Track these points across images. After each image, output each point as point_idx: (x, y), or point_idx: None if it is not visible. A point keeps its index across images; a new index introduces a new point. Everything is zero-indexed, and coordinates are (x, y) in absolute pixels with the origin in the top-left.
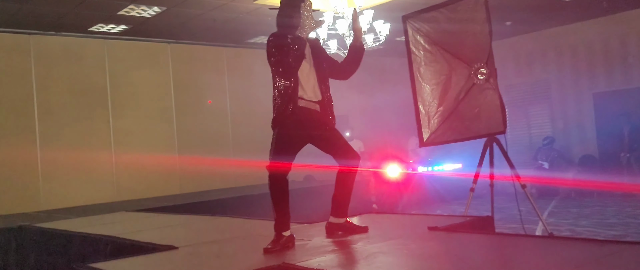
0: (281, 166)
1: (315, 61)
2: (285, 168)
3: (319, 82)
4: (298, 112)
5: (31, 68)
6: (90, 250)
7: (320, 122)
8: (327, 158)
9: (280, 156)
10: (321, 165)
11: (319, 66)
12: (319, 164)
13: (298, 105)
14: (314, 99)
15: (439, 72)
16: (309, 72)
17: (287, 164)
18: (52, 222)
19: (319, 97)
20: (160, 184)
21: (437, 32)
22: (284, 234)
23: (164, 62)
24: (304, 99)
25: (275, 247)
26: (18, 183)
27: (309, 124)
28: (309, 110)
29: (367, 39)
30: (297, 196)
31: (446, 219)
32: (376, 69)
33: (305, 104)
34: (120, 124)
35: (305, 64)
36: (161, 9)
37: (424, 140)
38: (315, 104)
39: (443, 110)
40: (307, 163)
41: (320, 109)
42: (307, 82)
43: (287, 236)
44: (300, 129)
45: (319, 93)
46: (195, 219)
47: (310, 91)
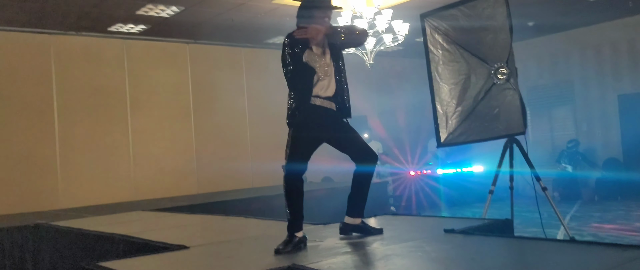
0: (296, 167)
1: (332, 56)
2: (300, 169)
3: (335, 78)
4: (313, 112)
5: (51, 68)
6: (104, 249)
7: (337, 121)
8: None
9: (296, 157)
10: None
11: (335, 58)
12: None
13: (313, 104)
14: (328, 96)
15: (458, 72)
16: (325, 69)
17: (302, 164)
18: (68, 221)
19: (335, 92)
20: (177, 184)
21: (456, 31)
22: (296, 235)
23: (182, 62)
24: (319, 98)
25: (287, 248)
26: (37, 181)
27: (324, 123)
28: (325, 109)
29: (385, 39)
30: (314, 197)
31: (463, 221)
32: (395, 70)
33: (320, 102)
34: (138, 124)
35: (321, 60)
36: (179, 9)
37: (442, 140)
38: (331, 103)
39: (461, 110)
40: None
41: (336, 107)
42: (323, 79)
43: (300, 237)
44: (316, 128)
45: (334, 90)
46: (210, 219)
47: (326, 89)
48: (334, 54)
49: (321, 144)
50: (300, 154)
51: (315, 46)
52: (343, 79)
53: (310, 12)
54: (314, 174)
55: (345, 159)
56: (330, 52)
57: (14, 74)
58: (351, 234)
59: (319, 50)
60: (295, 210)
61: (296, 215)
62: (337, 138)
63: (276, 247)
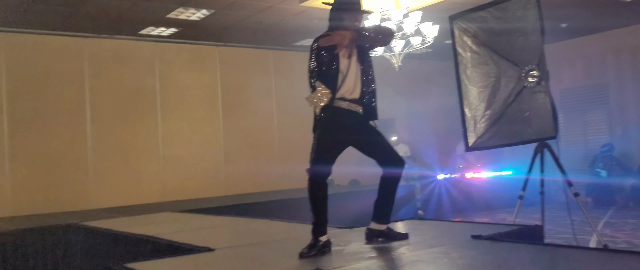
0: (321, 170)
1: (359, 57)
2: (325, 172)
3: (362, 80)
4: (339, 115)
5: (84, 70)
6: (132, 249)
7: (363, 124)
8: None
9: (321, 160)
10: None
11: (363, 60)
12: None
13: (339, 107)
14: (354, 98)
15: (487, 74)
16: (350, 71)
17: (327, 168)
18: (98, 221)
19: (363, 95)
20: (206, 186)
21: (485, 33)
22: (320, 239)
23: (211, 65)
24: (345, 100)
25: (311, 252)
26: (69, 182)
27: (350, 126)
28: (351, 112)
29: (413, 42)
30: (340, 201)
31: (491, 227)
32: (423, 73)
33: (346, 105)
34: (168, 126)
35: (347, 62)
36: (209, 12)
37: (470, 144)
38: (357, 106)
39: (490, 114)
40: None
41: (362, 110)
42: (350, 81)
43: (324, 241)
44: (342, 132)
45: (360, 93)
46: (236, 221)
47: (352, 92)
48: (360, 56)
49: (346, 148)
50: (325, 157)
51: (342, 50)
52: (370, 80)
53: (340, 15)
54: (341, 176)
55: (373, 161)
56: (356, 54)
57: (49, 76)
58: (377, 239)
59: (345, 52)
60: (320, 214)
61: (320, 219)
62: (362, 142)
63: (301, 250)
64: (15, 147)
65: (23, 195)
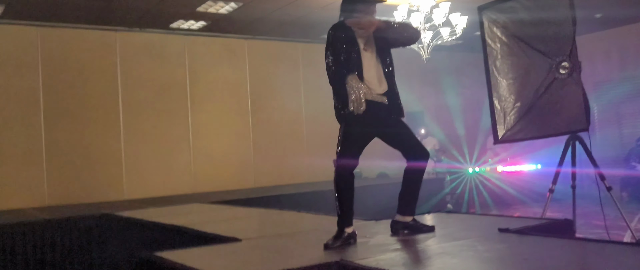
0: (347, 162)
1: (379, 48)
2: (351, 164)
3: (384, 71)
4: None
5: (117, 63)
6: (162, 238)
7: (389, 116)
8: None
9: (347, 152)
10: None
11: (383, 53)
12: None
13: (363, 99)
14: (379, 91)
15: (517, 66)
16: (372, 61)
17: (353, 160)
18: (130, 211)
19: (385, 88)
20: (235, 177)
21: (515, 24)
22: (346, 230)
23: (240, 58)
24: (369, 93)
25: (336, 243)
26: (103, 173)
27: (376, 118)
28: (375, 103)
29: (443, 33)
30: (367, 193)
31: (519, 220)
32: (453, 65)
33: (371, 97)
34: (198, 118)
35: (367, 53)
36: (238, 5)
37: (499, 137)
38: (382, 96)
39: (520, 106)
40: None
41: (387, 101)
42: (371, 72)
43: (350, 233)
44: (367, 124)
45: (385, 84)
46: (264, 213)
47: (376, 82)
48: (381, 50)
49: (372, 139)
50: (351, 149)
51: (361, 41)
52: (392, 75)
53: (354, 7)
54: (370, 169)
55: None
56: (376, 48)
57: (83, 69)
58: (403, 232)
59: (365, 44)
60: (346, 205)
61: (346, 211)
62: (388, 133)
63: (326, 241)
64: (51, 140)
65: (59, 186)
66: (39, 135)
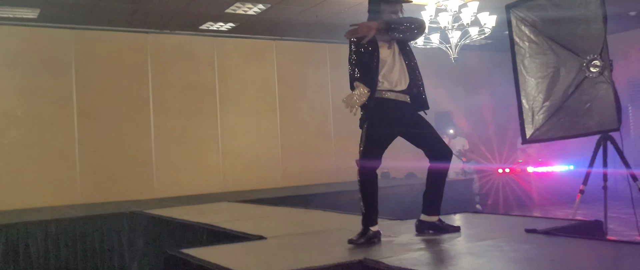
0: (370, 162)
1: (401, 47)
2: (375, 164)
3: (407, 69)
4: (386, 106)
5: (148, 65)
6: (190, 236)
7: (412, 115)
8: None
9: (370, 152)
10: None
11: (405, 51)
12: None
13: (386, 98)
14: (402, 88)
15: (546, 65)
16: (395, 61)
17: (376, 159)
18: (159, 209)
19: (406, 85)
20: (263, 177)
21: (544, 22)
22: (371, 229)
23: (268, 58)
24: (392, 91)
25: (360, 240)
26: (134, 172)
27: (398, 117)
28: (398, 102)
29: (471, 32)
30: (395, 193)
31: (548, 221)
32: (482, 64)
33: (394, 96)
34: (227, 118)
35: (389, 53)
36: (265, 6)
37: (527, 137)
38: (405, 95)
39: (549, 105)
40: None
41: (410, 99)
42: (393, 71)
43: (374, 231)
44: (390, 123)
45: (406, 81)
46: (291, 212)
47: (397, 80)
48: (403, 46)
49: (395, 138)
50: (374, 149)
51: (382, 41)
52: (415, 70)
53: (378, 7)
54: (398, 169)
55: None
56: (398, 44)
57: (115, 70)
58: (428, 231)
59: (385, 44)
60: (370, 203)
61: (370, 210)
62: (411, 132)
63: (351, 237)
64: (84, 139)
65: (91, 184)
66: (72, 135)
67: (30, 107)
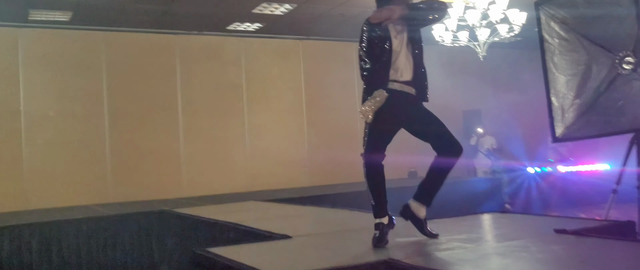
0: (376, 155)
1: (410, 36)
2: (380, 156)
3: (413, 59)
4: (391, 97)
5: (176, 65)
6: (216, 235)
7: (417, 107)
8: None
9: (375, 145)
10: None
11: (413, 37)
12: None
13: (391, 89)
14: (407, 78)
15: (577, 62)
16: (402, 51)
17: (381, 152)
18: (188, 208)
19: (411, 77)
20: (290, 176)
21: (574, 18)
22: (382, 221)
23: (295, 58)
24: (397, 82)
25: (383, 241)
26: (164, 171)
27: (403, 109)
28: (404, 94)
29: (500, 30)
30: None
31: (578, 221)
32: (511, 62)
33: (399, 87)
34: (254, 118)
35: (398, 42)
36: (292, 6)
37: (557, 135)
38: (410, 87)
39: (580, 103)
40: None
41: (415, 89)
42: (400, 63)
43: (385, 223)
44: (395, 115)
45: (412, 72)
46: (317, 211)
47: (403, 70)
48: (411, 34)
49: (399, 130)
50: (378, 142)
51: (393, 30)
52: (421, 60)
53: None
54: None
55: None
56: (407, 33)
57: (144, 71)
58: (407, 220)
59: (395, 32)
60: (379, 196)
61: (380, 202)
62: (417, 125)
63: (372, 241)
64: (114, 139)
65: (121, 183)
66: (103, 135)
67: (63, 107)
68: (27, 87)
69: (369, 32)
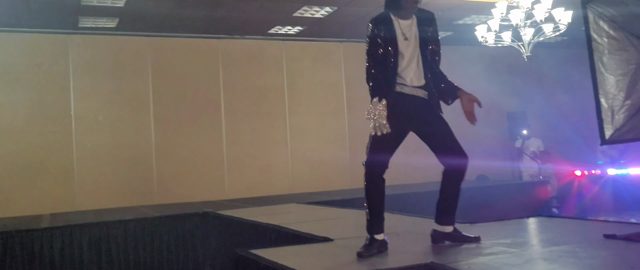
0: (378, 164)
1: (421, 39)
2: (382, 165)
3: (423, 63)
4: (399, 102)
5: (219, 70)
6: (259, 237)
7: (428, 111)
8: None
9: (378, 152)
10: None
11: (424, 45)
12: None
13: (400, 93)
14: (417, 84)
15: (627, 61)
16: (411, 52)
17: (385, 161)
18: (230, 210)
19: (423, 81)
20: (332, 178)
21: (624, 16)
22: (376, 238)
23: (336, 61)
24: (406, 86)
25: (371, 251)
26: (207, 174)
27: (412, 113)
28: (412, 98)
29: (545, 29)
30: (466, 195)
31: (630, 226)
32: (557, 62)
33: (409, 90)
34: (295, 121)
35: (407, 43)
36: (332, 9)
37: (606, 137)
38: (421, 90)
39: (631, 104)
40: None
41: (427, 95)
42: (409, 65)
43: (381, 240)
44: (403, 120)
45: (423, 76)
46: (358, 214)
47: (412, 75)
48: (424, 37)
49: (406, 137)
50: (383, 149)
51: (401, 31)
52: (434, 63)
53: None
54: (469, 171)
55: (499, 155)
56: (418, 35)
57: (188, 76)
58: (444, 242)
59: (406, 34)
60: (375, 210)
61: (376, 217)
62: (425, 131)
63: (358, 250)
64: (160, 142)
65: (167, 185)
66: (149, 138)
67: (111, 112)
68: (77, 92)
69: (374, 31)
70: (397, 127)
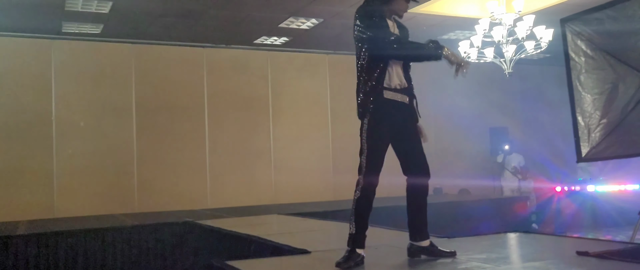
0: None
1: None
2: (377, 177)
3: (403, 68)
4: (385, 106)
5: (204, 78)
6: (237, 248)
7: (406, 118)
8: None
9: (374, 163)
10: None
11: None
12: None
13: (385, 98)
14: (399, 87)
15: (603, 80)
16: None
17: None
18: (211, 220)
19: (405, 85)
20: (315, 190)
21: (601, 36)
22: (358, 252)
23: (321, 72)
24: (391, 90)
25: (349, 263)
26: (189, 183)
27: (398, 120)
28: (396, 103)
29: (527, 46)
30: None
31: (602, 243)
32: (539, 78)
33: (392, 95)
34: (279, 131)
35: None
36: (318, 21)
37: (583, 155)
38: (403, 95)
39: (607, 123)
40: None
41: (408, 100)
42: (393, 68)
43: (361, 255)
44: (387, 126)
45: (404, 80)
46: (339, 226)
47: (396, 78)
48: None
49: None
50: (377, 159)
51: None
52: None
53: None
54: (451, 186)
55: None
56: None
57: (172, 84)
58: (420, 256)
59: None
60: (361, 224)
61: (361, 231)
62: (401, 136)
63: (338, 261)
64: (142, 150)
65: (148, 194)
66: (131, 146)
67: (92, 118)
68: (58, 98)
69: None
70: (386, 137)
